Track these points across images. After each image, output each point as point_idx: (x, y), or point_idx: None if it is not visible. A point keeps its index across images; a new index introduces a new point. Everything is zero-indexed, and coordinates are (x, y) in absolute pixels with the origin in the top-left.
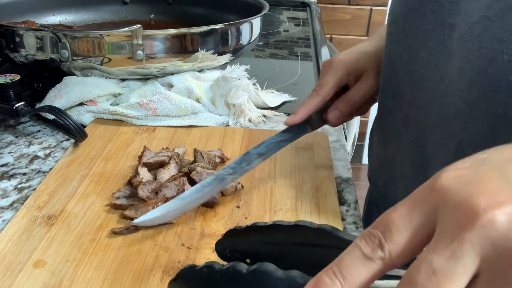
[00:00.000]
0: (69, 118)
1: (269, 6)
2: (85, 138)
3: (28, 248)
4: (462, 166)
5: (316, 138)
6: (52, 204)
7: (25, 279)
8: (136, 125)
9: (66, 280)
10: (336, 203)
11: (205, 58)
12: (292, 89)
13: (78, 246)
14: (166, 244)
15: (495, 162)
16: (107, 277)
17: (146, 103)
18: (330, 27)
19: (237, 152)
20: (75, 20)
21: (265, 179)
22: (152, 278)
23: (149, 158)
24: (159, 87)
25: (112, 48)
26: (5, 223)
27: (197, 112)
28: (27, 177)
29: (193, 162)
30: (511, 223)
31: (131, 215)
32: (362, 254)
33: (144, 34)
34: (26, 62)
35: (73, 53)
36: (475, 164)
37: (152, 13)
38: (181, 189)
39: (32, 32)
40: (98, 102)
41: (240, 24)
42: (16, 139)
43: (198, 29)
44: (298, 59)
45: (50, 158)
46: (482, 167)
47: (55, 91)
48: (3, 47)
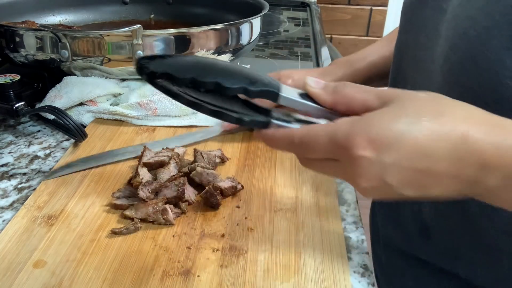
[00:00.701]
0: (69, 118)
1: (269, 6)
2: (85, 138)
3: (28, 248)
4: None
5: None
6: (52, 204)
7: (25, 279)
8: (136, 125)
9: (66, 280)
10: (336, 203)
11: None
12: None
13: (78, 246)
14: (166, 244)
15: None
16: (107, 277)
17: (146, 103)
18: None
19: (237, 152)
20: (75, 20)
21: (265, 179)
22: (152, 278)
23: (149, 158)
24: None
25: (112, 48)
26: (5, 223)
27: (197, 112)
28: (27, 177)
29: (193, 162)
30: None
31: (131, 215)
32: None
33: (144, 34)
34: (26, 62)
35: (73, 53)
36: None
37: (152, 13)
38: (181, 189)
39: (32, 32)
40: (98, 102)
41: (240, 24)
42: (16, 139)
43: (198, 29)
44: (298, 59)
45: (50, 158)
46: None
47: (55, 91)
48: (3, 47)
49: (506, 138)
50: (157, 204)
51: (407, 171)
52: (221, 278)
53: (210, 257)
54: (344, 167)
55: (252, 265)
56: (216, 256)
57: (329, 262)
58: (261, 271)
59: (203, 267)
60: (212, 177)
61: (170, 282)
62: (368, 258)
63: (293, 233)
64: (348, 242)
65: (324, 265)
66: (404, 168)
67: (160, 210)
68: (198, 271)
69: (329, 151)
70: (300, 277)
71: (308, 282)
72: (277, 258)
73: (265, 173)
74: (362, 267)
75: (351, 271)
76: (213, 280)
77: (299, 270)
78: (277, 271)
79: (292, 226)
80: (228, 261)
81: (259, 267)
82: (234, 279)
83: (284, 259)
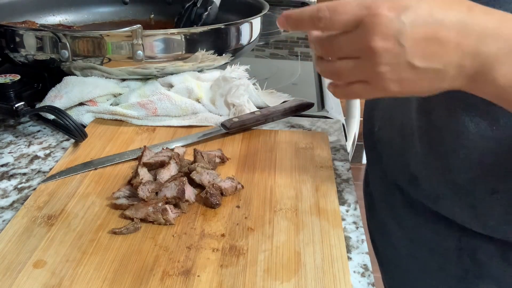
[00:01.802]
0: (69, 118)
1: (269, 6)
2: (85, 138)
3: (28, 248)
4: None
5: (316, 138)
6: (52, 204)
7: (25, 279)
8: (136, 125)
9: (66, 280)
10: (336, 203)
11: (205, 58)
12: (292, 89)
13: (78, 246)
14: (166, 244)
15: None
16: (107, 277)
17: (146, 103)
18: None
19: (237, 152)
20: (75, 20)
21: (265, 179)
22: (152, 278)
23: (149, 158)
24: (159, 87)
25: (112, 48)
26: (5, 223)
27: (197, 112)
28: (27, 177)
29: (193, 162)
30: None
31: (131, 215)
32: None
33: (144, 34)
34: (26, 62)
35: (73, 53)
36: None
37: (152, 13)
38: (181, 189)
39: (32, 32)
40: (98, 102)
41: (240, 24)
42: (16, 139)
43: (198, 29)
44: (298, 59)
45: (50, 158)
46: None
47: (55, 91)
48: (3, 47)
49: (507, 16)
50: (157, 204)
51: (419, 33)
52: (221, 278)
53: (210, 257)
54: (364, 30)
55: (252, 265)
56: (216, 256)
57: (329, 262)
58: (261, 271)
59: (203, 267)
60: (212, 177)
61: (170, 282)
62: (368, 258)
63: (293, 233)
64: (348, 242)
65: (324, 265)
66: (418, 29)
67: (160, 210)
68: (198, 271)
69: (357, 14)
70: (300, 277)
71: (308, 282)
72: (277, 258)
73: (265, 173)
74: (362, 267)
75: (351, 271)
76: (213, 280)
77: (299, 270)
78: (277, 271)
79: (292, 226)
80: (228, 261)
81: (259, 267)
82: (234, 279)
83: (284, 259)
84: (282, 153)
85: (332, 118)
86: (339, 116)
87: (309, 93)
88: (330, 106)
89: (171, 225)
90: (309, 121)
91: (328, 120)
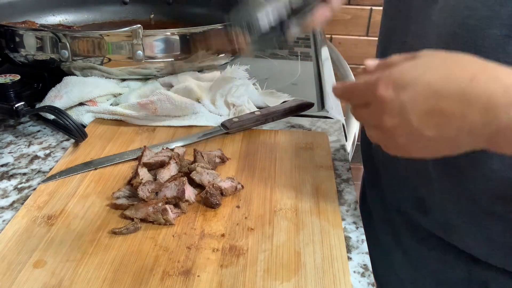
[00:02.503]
0: (69, 118)
1: None
2: (85, 138)
3: (28, 248)
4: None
5: (316, 138)
6: (52, 204)
7: (25, 279)
8: (136, 125)
9: (66, 280)
10: (336, 203)
11: (205, 58)
12: (292, 89)
13: (78, 246)
14: (166, 244)
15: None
16: (107, 277)
17: (146, 103)
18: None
19: (237, 152)
20: (75, 20)
21: (265, 179)
22: (152, 278)
23: (149, 158)
24: (159, 87)
25: (112, 48)
26: (5, 223)
27: (197, 112)
28: (27, 177)
29: (193, 162)
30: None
31: (131, 215)
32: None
33: (144, 34)
34: (26, 62)
35: (73, 53)
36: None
37: (152, 13)
38: (181, 189)
39: (32, 32)
40: (98, 102)
41: None
42: (16, 139)
43: (198, 29)
44: (298, 59)
45: (50, 158)
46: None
47: (55, 91)
48: (3, 47)
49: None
50: (157, 204)
51: (422, 108)
52: (221, 278)
53: (210, 257)
54: (374, 109)
55: (252, 265)
56: (216, 256)
57: (329, 262)
58: (261, 271)
59: (203, 267)
60: (212, 177)
61: (170, 282)
62: (368, 258)
63: (293, 233)
64: (348, 242)
65: (324, 265)
66: (419, 105)
67: (160, 210)
68: (198, 271)
69: (363, 93)
70: (300, 277)
71: (308, 282)
72: (277, 258)
73: (265, 173)
74: (362, 267)
75: (351, 271)
76: (213, 280)
77: (299, 270)
78: (277, 271)
79: (292, 226)
80: (228, 261)
81: (259, 267)
82: (234, 279)
83: (284, 259)
84: (282, 153)
85: (332, 118)
86: (339, 116)
87: (309, 93)
88: (330, 106)
89: (171, 225)
90: (309, 121)
91: (328, 120)
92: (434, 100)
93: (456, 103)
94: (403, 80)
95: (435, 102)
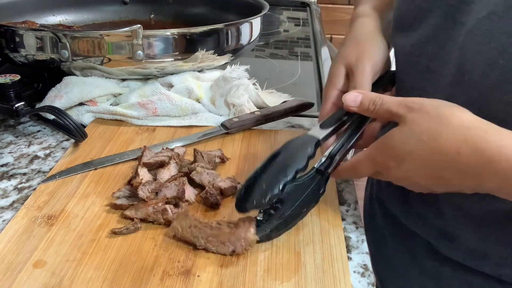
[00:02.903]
0: (69, 118)
1: (269, 6)
2: (85, 138)
3: (28, 248)
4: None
5: None
6: (52, 204)
7: (25, 279)
8: (136, 125)
9: (66, 280)
10: (336, 203)
11: (205, 58)
12: (292, 89)
13: (78, 246)
14: (166, 244)
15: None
16: (107, 277)
17: (146, 103)
18: (330, 27)
19: (237, 152)
20: (75, 20)
21: None
22: (152, 278)
23: (149, 158)
24: (159, 87)
25: (112, 48)
26: (5, 223)
27: (197, 112)
28: (27, 177)
29: (193, 162)
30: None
31: (131, 215)
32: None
33: (144, 34)
34: (26, 62)
35: (73, 53)
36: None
37: (152, 13)
38: (181, 189)
39: (32, 32)
40: (98, 102)
41: (240, 24)
42: (16, 139)
43: (198, 29)
44: (298, 59)
45: (50, 158)
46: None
47: (55, 91)
48: (3, 47)
49: (494, 154)
50: (157, 204)
51: (424, 177)
52: (221, 278)
53: (210, 257)
54: (386, 176)
55: (252, 265)
56: (216, 256)
57: (329, 262)
58: (261, 271)
59: (203, 267)
60: (212, 177)
61: (170, 282)
62: (368, 258)
63: (293, 233)
64: (348, 242)
65: (324, 265)
66: (421, 172)
67: (160, 210)
68: (198, 271)
69: (372, 168)
70: (300, 277)
71: (308, 282)
72: (277, 258)
73: None
74: (362, 267)
75: (351, 271)
76: (213, 280)
77: (299, 270)
78: (277, 271)
79: None
80: (228, 261)
81: (259, 267)
82: (234, 279)
83: (284, 259)
84: None
85: None
86: None
87: (309, 93)
88: None
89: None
90: (309, 121)
91: None
92: (432, 170)
93: (451, 173)
94: (399, 155)
95: (434, 172)
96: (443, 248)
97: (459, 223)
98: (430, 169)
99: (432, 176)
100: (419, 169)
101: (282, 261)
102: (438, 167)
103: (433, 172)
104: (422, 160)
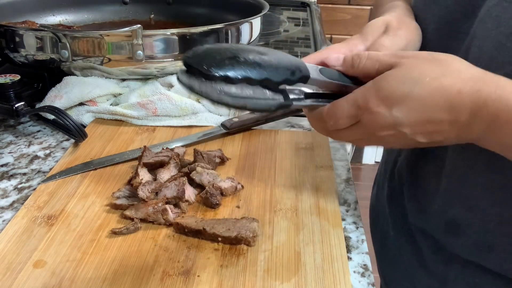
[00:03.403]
0: (69, 118)
1: (269, 6)
2: (85, 138)
3: (28, 248)
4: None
5: (316, 138)
6: (52, 204)
7: (25, 279)
8: (136, 125)
9: (66, 280)
10: (336, 203)
11: None
12: None
13: (78, 246)
14: (166, 244)
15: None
16: (107, 277)
17: (146, 103)
18: (330, 27)
19: (237, 152)
20: (75, 20)
21: (265, 179)
22: (152, 278)
23: (149, 158)
24: (159, 87)
25: (112, 48)
26: (5, 223)
27: (197, 112)
28: (27, 177)
29: (193, 162)
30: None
31: (131, 215)
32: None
33: (144, 34)
34: (26, 62)
35: (73, 53)
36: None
37: (152, 13)
38: (181, 189)
39: (32, 32)
40: (98, 102)
41: (240, 24)
42: (16, 139)
43: (198, 29)
44: None
45: (50, 158)
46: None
47: (55, 91)
48: (3, 47)
49: (491, 92)
50: (157, 204)
51: (415, 121)
52: (221, 278)
53: (210, 257)
54: (366, 126)
55: (252, 265)
56: (216, 256)
57: (329, 262)
58: (261, 271)
59: (203, 267)
60: (212, 177)
61: (170, 282)
62: (368, 258)
63: (293, 233)
64: (348, 242)
65: (324, 265)
66: (412, 119)
67: (160, 210)
68: (198, 271)
69: (353, 114)
70: (300, 277)
71: (308, 282)
72: (277, 258)
73: (265, 173)
74: (362, 267)
75: (351, 271)
76: (213, 280)
77: (299, 270)
78: (277, 271)
79: (292, 226)
80: (228, 261)
81: (259, 267)
82: (234, 279)
83: (284, 259)
84: (282, 153)
85: None
86: None
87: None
88: None
89: (171, 225)
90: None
91: None
92: (426, 113)
93: (445, 113)
94: (393, 97)
95: (427, 114)
96: (449, 243)
97: (467, 215)
98: (425, 111)
99: (422, 120)
100: (412, 112)
101: (282, 261)
102: (434, 107)
103: (426, 115)
104: (419, 102)
